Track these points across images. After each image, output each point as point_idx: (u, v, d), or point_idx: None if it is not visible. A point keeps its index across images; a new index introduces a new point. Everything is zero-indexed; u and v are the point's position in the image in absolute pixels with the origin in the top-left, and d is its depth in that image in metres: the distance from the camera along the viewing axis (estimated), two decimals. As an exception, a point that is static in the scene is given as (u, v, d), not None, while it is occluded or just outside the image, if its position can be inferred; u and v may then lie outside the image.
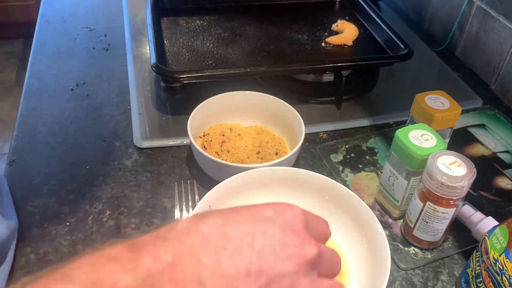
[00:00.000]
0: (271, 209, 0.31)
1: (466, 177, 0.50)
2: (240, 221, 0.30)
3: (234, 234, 0.29)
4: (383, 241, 0.50)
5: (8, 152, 0.69)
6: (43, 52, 0.88)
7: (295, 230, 0.31)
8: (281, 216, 0.31)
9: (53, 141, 0.70)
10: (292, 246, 0.30)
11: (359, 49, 0.86)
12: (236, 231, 0.29)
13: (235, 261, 0.28)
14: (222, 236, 0.29)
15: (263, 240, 0.29)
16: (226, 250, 0.28)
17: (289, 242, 0.30)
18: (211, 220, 0.30)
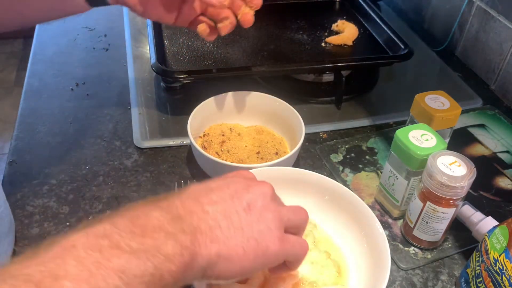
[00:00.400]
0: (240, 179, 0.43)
1: (466, 177, 0.50)
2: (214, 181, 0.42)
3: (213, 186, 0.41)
4: (383, 241, 0.50)
5: (8, 152, 0.69)
6: (43, 52, 0.88)
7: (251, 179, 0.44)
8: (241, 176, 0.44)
9: (53, 141, 0.70)
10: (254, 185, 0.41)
11: (359, 49, 0.86)
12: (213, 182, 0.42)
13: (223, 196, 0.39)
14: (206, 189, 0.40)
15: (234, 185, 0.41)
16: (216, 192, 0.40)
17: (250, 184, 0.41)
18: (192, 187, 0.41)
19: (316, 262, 0.52)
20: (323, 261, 0.52)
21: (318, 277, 0.50)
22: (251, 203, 0.39)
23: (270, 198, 0.41)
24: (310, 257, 0.52)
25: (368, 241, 0.53)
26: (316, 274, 0.50)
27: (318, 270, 0.51)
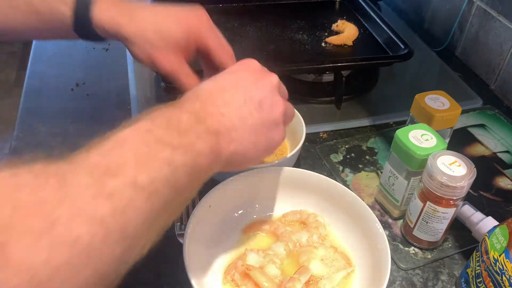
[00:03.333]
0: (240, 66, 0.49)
1: (466, 177, 0.50)
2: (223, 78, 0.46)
3: (225, 84, 0.45)
4: (383, 241, 0.50)
5: (8, 152, 0.68)
6: (43, 52, 0.88)
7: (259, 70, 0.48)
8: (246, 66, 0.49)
9: (53, 141, 0.70)
10: (261, 79, 0.46)
11: (359, 49, 0.86)
12: (225, 80, 0.46)
13: (236, 96, 0.44)
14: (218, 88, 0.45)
15: (243, 81, 0.46)
16: (226, 90, 0.44)
17: (258, 77, 0.46)
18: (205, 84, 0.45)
19: (326, 258, 0.52)
20: (331, 256, 0.53)
21: (329, 270, 0.52)
22: (262, 100, 0.45)
23: (277, 91, 0.47)
24: (319, 254, 0.53)
25: (368, 241, 0.53)
26: (326, 268, 0.52)
27: (328, 264, 0.52)
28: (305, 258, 0.52)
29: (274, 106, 0.46)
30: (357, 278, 0.52)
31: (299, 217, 0.57)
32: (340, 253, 0.54)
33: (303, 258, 0.52)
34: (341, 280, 0.51)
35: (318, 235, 0.55)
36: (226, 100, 0.43)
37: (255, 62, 0.49)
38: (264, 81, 0.46)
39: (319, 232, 0.55)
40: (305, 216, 0.57)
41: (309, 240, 0.54)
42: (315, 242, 0.54)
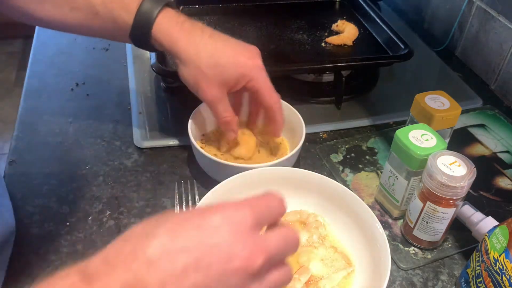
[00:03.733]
0: (219, 216, 0.32)
1: (466, 177, 0.50)
2: (186, 239, 0.30)
3: (179, 256, 0.30)
4: (383, 241, 0.50)
5: (8, 152, 0.69)
6: (43, 52, 0.88)
7: (243, 240, 0.31)
8: (229, 223, 0.31)
9: (53, 141, 0.70)
10: (238, 259, 0.30)
11: (359, 49, 0.86)
12: (181, 252, 0.30)
13: (180, 284, 0.29)
14: (168, 259, 0.29)
15: (208, 258, 0.30)
16: (172, 275, 0.29)
17: (235, 254, 0.30)
18: (157, 240, 0.30)
19: (326, 258, 0.52)
20: (331, 255, 0.53)
21: (329, 270, 0.52)
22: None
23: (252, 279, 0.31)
24: (319, 254, 0.53)
25: (368, 241, 0.53)
26: (326, 269, 0.51)
27: (328, 264, 0.52)
28: (305, 258, 0.52)
29: None
30: (357, 278, 0.52)
31: (299, 217, 0.57)
32: (340, 253, 0.54)
33: (303, 258, 0.52)
34: (341, 280, 0.51)
35: (318, 235, 0.55)
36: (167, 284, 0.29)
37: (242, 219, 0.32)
38: (239, 268, 0.31)
39: (319, 232, 0.55)
40: (305, 216, 0.57)
41: (309, 240, 0.54)
42: (315, 242, 0.54)
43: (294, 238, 0.35)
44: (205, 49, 0.54)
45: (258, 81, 0.56)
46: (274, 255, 0.32)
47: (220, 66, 0.55)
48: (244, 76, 0.56)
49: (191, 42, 0.54)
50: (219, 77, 0.55)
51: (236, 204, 0.33)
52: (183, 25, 0.55)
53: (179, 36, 0.54)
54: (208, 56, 0.54)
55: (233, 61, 0.55)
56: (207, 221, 0.31)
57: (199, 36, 0.55)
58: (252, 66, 0.56)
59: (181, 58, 0.55)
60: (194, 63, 0.55)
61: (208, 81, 0.55)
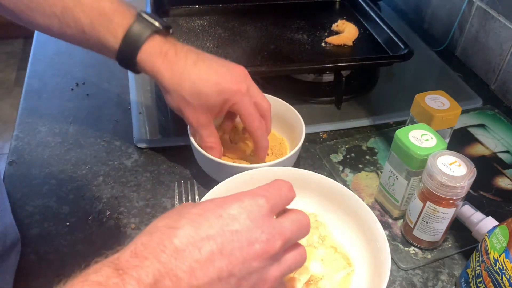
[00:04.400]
0: (237, 205, 0.35)
1: (466, 177, 0.50)
2: (208, 228, 0.33)
3: (204, 243, 0.33)
4: (383, 241, 0.50)
5: (8, 152, 0.69)
6: (43, 52, 0.88)
7: (260, 226, 0.35)
8: (247, 211, 0.35)
9: (53, 141, 0.70)
10: (258, 243, 0.34)
11: (359, 49, 0.86)
12: (206, 240, 0.33)
13: (207, 270, 0.32)
14: (194, 247, 0.32)
15: (231, 244, 0.33)
16: (199, 262, 0.32)
17: (255, 239, 0.34)
18: (182, 231, 0.33)
19: (325, 258, 0.52)
20: (331, 256, 0.53)
21: (329, 270, 0.52)
22: (244, 278, 0.34)
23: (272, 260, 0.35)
24: (318, 254, 0.53)
25: (368, 241, 0.53)
26: (326, 269, 0.51)
27: (328, 264, 0.52)
28: (305, 258, 0.52)
29: (258, 285, 0.35)
30: (357, 278, 0.52)
31: (299, 217, 0.57)
32: (340, 253, 0.54)
33: (303, 258, 0.52)
34: (341, 280, 0.51)
35: (318, 235, 0.55)
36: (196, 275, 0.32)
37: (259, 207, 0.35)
38: (260, 251, 0.34)
39: (319, 232, 0.55)
40: (305, 216, 0.57)
41: (309, 240, 0.54)
42: (315, 242, 0.54)
43: (306, 221, 0.38)
44: (188, 79, 0.55)
45: (240, 107, 0.57)
46: (290, 238, 0.36)
47: (203, 94, 0.55)
48: (227, 101, 0.56)
49: (174, 72, 0.55)
50: (203, 105, 0.56)
51: (252, 193, 0.36)
52: (167, 55, 0.55)
53: (162, 67, 0.55)
54: (190, 86, 0.55)
55: (216, 89, 0.55)
56: (226, 211, 0.34)
57: (182, 65, 0.55)
58: (235, 91, 0.56)
59: (165, 87, 0.56)
60: (178, 93, 0.55)
61: (192, 109, 0.56)
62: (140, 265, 0.31)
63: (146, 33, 0.54)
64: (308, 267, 0.51)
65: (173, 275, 0.31)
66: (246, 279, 0.34)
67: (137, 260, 0.31)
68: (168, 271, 0.31)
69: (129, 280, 0.30)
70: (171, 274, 0.31)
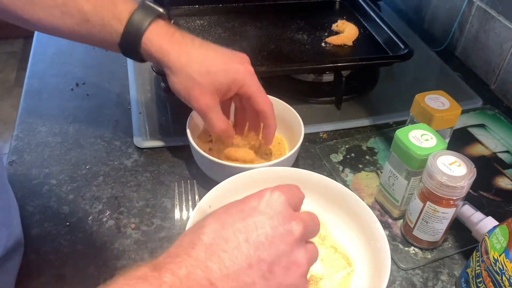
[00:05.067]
0: (256, 200, 0.37)
1: (466, 177, 0.50)
2: (232, 221, 0.35)
3: (230, 235, 0.35)
4: (383, 241, 0.50)
5: (8, 152, 0.69)
6: (43, 52, 0.88)
7: (280, 213, 0.36)
8: (266, 204, 0.37)
9: (53, 141, 0.70)
10: (281, 228, 0.36)
11: (359, 49, 0.86)
12: (232, 232, 0.35)
13: (236, 259, 0.34)
14: (221, 240, 0.34)
15: (256, 231, 0.35)
16: (226, 251, 0.34)
17: (277, 225, 0.36)
18: (208, 228, 0.35)
19: (325, 258, 0.52)
20: (331, 256, 0.53)
21: (329, 270, 0.52)
22: (274, 263, 0.34)
23: (299, 244, 0.36)
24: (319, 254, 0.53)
25: (368, 241, 0.53)
26: (326, 269, 0.51)
27: (328, 264, 0.52)
28: (305, 258, 0.52)
29: (291, 269, 0.35)
30: (357, 278, 0.52)
31: (299, 217, 0.57)
32: (340, 253, 0.54)
33: (303, 258, 0.52)
34: (341, 280, 0.51)
35: (318, 235, 0.55)
36: (225, 264, 0.33)
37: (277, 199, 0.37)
38: (285, 233, 0.35)
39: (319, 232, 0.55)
40: (305, 216, 0.57)
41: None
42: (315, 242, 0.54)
43: (317, 219, 0.41)
44: (196, 58, 0.55)
45: (250, 86, 0.57)
46: (308, 226, 0.38)
47: (212, 73, 0.55)
48: (236, 81, 0.56)
49: (181, 51, 0.55)
50: (212, 84, 0.55)
51: (269, 189, 0.38)
52: (173, 35, 0.55)
53: (170, 46, 0.55)
54: (199, 64, 0.55)
55: (224, 68, 0.55)
56: (247, 205, 0.37)
57: (189, 45, 0.55)
58: (244, 71, 0.56)
59: (172, 67, 0.55)
60: (186, 72, 0.55)
61: (200, 89, 0.55)
62: (173, 261, 0.33)
63: (152, 16, 0.54)
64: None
65: (204, 266, 0.33)
66: (277, 263, 0.35)
67: (170, 259, 0.34)
68: (199, 263, 0.33)
69: (165, 272, 0.32)
70: (202, 265, 0.33)
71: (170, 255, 0.34)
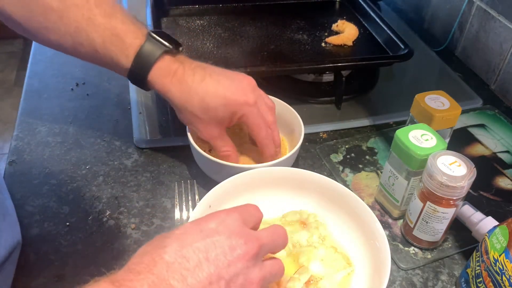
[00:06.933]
0: (214, 221, 0.39)
1: (466, 177, 0.50)
2: (193, 241, 0.37)
3: (191, 254, 0.36)
4: (383, 241, 0.50)
5: (8, 152, 0.69)
6: (43, 52, 0.88)
7: (237, 232, 0.38)
8: (223, 225, 0.39)
9: (53, 141, 0.70)
10: (238, 247, 0.37)
11: (359, 49, 0.86)
12: (192, 250, 0.36)
13: (197, 276, 0.35)
14: (182, 258, 0.35)
15: (214, 250, 0.37)
16: (188, 269, 0.35)
17: (235, 244, 0.38)
18: (170, 248, 0.36)
19: (325, 258, 0.52)
20: (331, 256, 0.53)
21: (329, 270, 0.52)
22: (232, 280, 0.37)
23: (255, 261, 0.39)
24: (318, 254, 0.53)
25: (368, 241, 0.53)
26: (326, 269, 0.51)
27: (328, 264, 0.52)
28: (305, 258, 0.52)
29: (245, 286, 0.38)
30: (357, 278, 0.52)
31: (299, 217, 0.57)
32: (340, 253, 0.54)
33: (303, 258, 0.52)
34: (341, 280, 0.51)
35: (318, 235, 0.55)
36: (187, 282, 0.35)
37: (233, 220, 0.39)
38: (241, 252, 0.37)
39: (319, 232, 0.55)
40: (305, 216, 0.57)
41: (309, 240, 0.54)
42: (315, 242, 0.54)
43: (281, 231, 0.43)
44: (196, 95, 0.56)
45: (248, 118, 0.58)
46: (266, 243, 0.40)
47: (212, 109, 0.57)
48: (235, 113, 0.58)
49: (182, 90, 0.56)
50: (213, 119, 0.58)
51: (225, 210, 0.41)
52: (176, 73, 0.56)
53: (171, 85, 0.56)
54: (199, 102, 0.56)
55: (223, 102, 0.57)
56: (206, 226, 0.38)
57: (190, 82, 0.56)
58: (243, 103, 0.57)
59: (175, 105, 0.58)
60: (188, 110, 0.57)
61: (203, 123, 0.58)
62: (134, 279, 0.33)
63: (157, 54, 0.56)
64: (308, 267, 0.51)
65: (167, 284, 0.34)
66: (234, 281, 0.37)
67: (132, 275, 0.34)
68: (162, 281, 0.34)
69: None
70: (164, 283, 0.34)
71: (131, 271, 0.34)
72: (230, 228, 0.38)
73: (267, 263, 0.41)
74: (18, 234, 0.55)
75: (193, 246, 0.36)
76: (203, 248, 0.36)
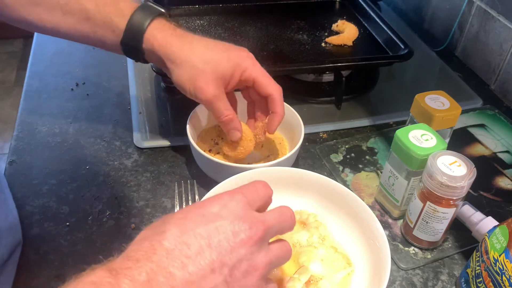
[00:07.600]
0: (216, 205, 0.36)
1: (466, 177, 0.50)
2: (194, 226, 0.35)
3: (192, 240, 0.34)
4: (383, 241, 0.50)
5: (8, 152, 0.69)
6: (43, 52, 0.88)
7: (241, 216, 0.36)
8: (226, 208, 0.36)
9: (53, 141, 0.70)
10: (242, 232, 0.35)
11: (359, 49, 0.86)
12: (193, 236, 0.34)
13: (199, 263, 0.33)
14: (183, 245, 0.33)
15: (217, 236, 0.34)
16: (189, 257, 0.33)
17: (238, 229, 0.35)
18: (169, 233, 0.34)
19: (326, 258, 0.52)
20: (331, 256, 0.53)
21: (329, 270, 0.51)
22: (235, 267, 0.35)
23: (259, 246, 0.36)
24: (318, 254, 0.53)
25: (368, 241, 0.53)
26: (326, 269, 0.51)
27: (328, 264, 0.52)
28: (305, 258, 0.52)
29: (250, 272, 0.35)
30: (357, 278, 0.52)
31: (299, 217, 0.57)
32: (340, 253, 0.54)
33: (303, 258, 0.52)
34: (341, 280, 0.51)
35: (318, 235, 0.55)
36: (188, 270, 0.33)
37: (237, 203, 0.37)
38: (245, 238, 0.35)
39: (319, 232, 0.55)
40: (305, 216, 0.57)
41: (309, 240, 0.54)
42: (315, 242, 0.54)
43: (288, 212, 0.40)
44: (198, 47, 0.56)
45: (254, 70, 0.57)
46: (272, 225, 0.37)
47: (214, 60, 0.56)
48: (239, 66, 0.56)
49: (184, 42, 0.56)
50: (215, 72, 0.55)
51: (229, 192, 0.38)
52: (176, 30, 0.57)
53: (172, 38, 0.56)
54: (201, 53, 0.56)
55: (226, 54, 0.56)
56: (208, 210, 0.36)
57: (190, 37, 0.57)
58: (246, 56, 0.57)
59: (176, 59, 0.55)
60: (189, 62, 0.55)
61: (205, 78, 0.55)
62: (133, 266, 0.32)
63: (154, 14, 0.56)
64: (308, 267, 0.51)
65: (166, 272, 0.32)
66: (237, 267, 0.35)
67: (130, 263, 0.32)
68: (161, 269, 0.32)
69: (123, 278, 0.31)
70: (164, 271, 0.32)
71: (129, 258, 0.33)
72: (234, 211, 0.36)
73: (274, 246, 0.38)
74: (19, 233, 0.55)
75: (195, 232, 0.34)
76: (205, 234, 0.34)
